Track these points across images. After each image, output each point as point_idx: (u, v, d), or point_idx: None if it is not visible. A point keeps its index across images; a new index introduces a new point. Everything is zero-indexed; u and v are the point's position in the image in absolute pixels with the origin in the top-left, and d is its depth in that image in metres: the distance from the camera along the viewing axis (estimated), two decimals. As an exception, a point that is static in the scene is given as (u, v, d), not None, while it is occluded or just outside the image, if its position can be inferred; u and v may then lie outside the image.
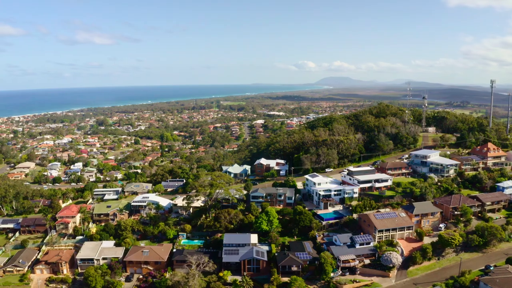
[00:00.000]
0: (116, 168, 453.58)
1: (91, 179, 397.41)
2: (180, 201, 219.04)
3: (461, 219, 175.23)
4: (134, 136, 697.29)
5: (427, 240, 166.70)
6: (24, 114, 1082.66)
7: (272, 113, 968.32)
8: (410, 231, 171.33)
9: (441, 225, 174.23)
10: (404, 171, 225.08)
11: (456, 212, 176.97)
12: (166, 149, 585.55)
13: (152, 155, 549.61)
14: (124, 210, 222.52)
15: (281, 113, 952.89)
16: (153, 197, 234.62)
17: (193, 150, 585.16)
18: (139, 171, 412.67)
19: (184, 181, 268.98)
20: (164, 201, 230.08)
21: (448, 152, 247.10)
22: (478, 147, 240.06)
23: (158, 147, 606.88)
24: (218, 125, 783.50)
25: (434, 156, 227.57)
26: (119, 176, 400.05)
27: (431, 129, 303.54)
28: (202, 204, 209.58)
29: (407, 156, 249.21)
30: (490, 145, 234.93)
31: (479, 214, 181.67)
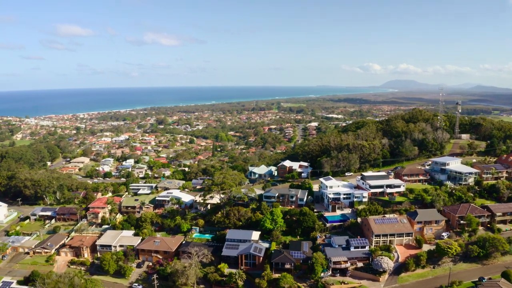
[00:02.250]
0: (166, 166, 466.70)
1: (140, 175, 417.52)
2: (198, 197, 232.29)
3: (467, 228, 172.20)
4: (190, 135, 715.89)
5: (426, 248, 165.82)
6: (89, 112, 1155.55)
7: (330, 115, 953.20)
8: (410, 237, 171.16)
9: (443, 234, 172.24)
10: (421, 177, 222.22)
11: (462, 222, 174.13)
12: (219, 149, 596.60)
13: (204, 154, 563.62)
14: (149, 204, 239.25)
15: (339, 116, 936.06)
16: (176, 193, 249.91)
17: (244, 150, 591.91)
18: (187, 169, 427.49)
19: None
20: (187, 197, 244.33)
21: (474, 160, 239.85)
22: (505, 155, 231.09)
23: (211, 146, 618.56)
24: (273, 126, 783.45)
25: (454, 164, 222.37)
26: (167, 173, 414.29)
27: (465, 136, 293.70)
28: (219, 201, 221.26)
29: (430, 163, 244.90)
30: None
31: (488, 225, 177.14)
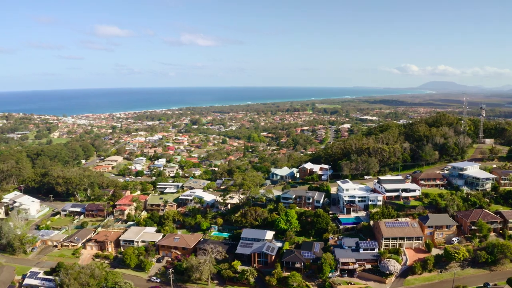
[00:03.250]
0: (197, 166, 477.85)
1: (171, 174, 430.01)
2: (219, 197, 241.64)
3: (478, 234, 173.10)
4: (223, 136, 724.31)
5: (435, 252, 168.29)
6: (125, 111, 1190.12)
7: (365, 117, 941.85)
8: (420, 241, 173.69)
9: (454, 239, 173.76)
10: (438, 182, 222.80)
11: (473, 227, 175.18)
12: (250, 150, 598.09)
13: (235, 154, 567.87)
14: (172, 202, 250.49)
15: (374, 118, 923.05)
16: (199, 192, 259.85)
17: (275, 151, 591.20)
18: (216, 169, 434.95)
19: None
20: (209, 197, 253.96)
21: (495, 166, 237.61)
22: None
23: (243, 147, 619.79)
24: (306, 128, 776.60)
25: (472, 169, 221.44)
26: (198, 173, 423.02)
27: (489, 141, 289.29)
28: (238, 202, 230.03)
29: (449, 167, 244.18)
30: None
31: (501, 231, 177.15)
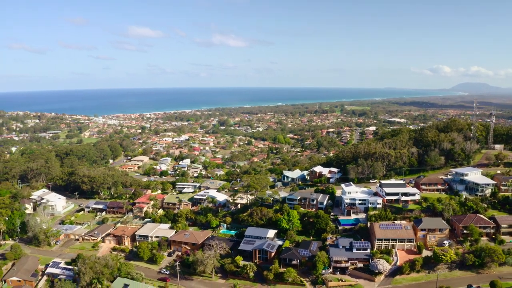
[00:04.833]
0: (220, 166, 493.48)
1: (195, 175, 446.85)
2: (229, 197, 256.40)
3: (469, 238, 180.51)
4: (249, 137, 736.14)
5: (426, 254, 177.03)
6: (156, 112, 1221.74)
7: (393, 119, 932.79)
8: (411, 243, 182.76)
9: (445, 242, 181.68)
10: (439, 187, 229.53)
11: (465, 231, 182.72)
12: (274, 151, 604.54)
13: (259, 156, 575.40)
14: (187, 201, 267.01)
15: (402, 120, 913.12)
16: (213, 192, 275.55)
17: (298, 153, 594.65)
18: (238, 170, 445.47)
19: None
20: (221, 197, 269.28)
21: (499, 171, 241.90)
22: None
23: (267, 148, 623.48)
24: (331, 130, 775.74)
25: (473, 175, 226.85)
26: (220, 173, 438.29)
27: (498, 147, 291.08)
28: (247, 202, 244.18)
29: (453, 173, 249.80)
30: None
31: (493, 236, 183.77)
